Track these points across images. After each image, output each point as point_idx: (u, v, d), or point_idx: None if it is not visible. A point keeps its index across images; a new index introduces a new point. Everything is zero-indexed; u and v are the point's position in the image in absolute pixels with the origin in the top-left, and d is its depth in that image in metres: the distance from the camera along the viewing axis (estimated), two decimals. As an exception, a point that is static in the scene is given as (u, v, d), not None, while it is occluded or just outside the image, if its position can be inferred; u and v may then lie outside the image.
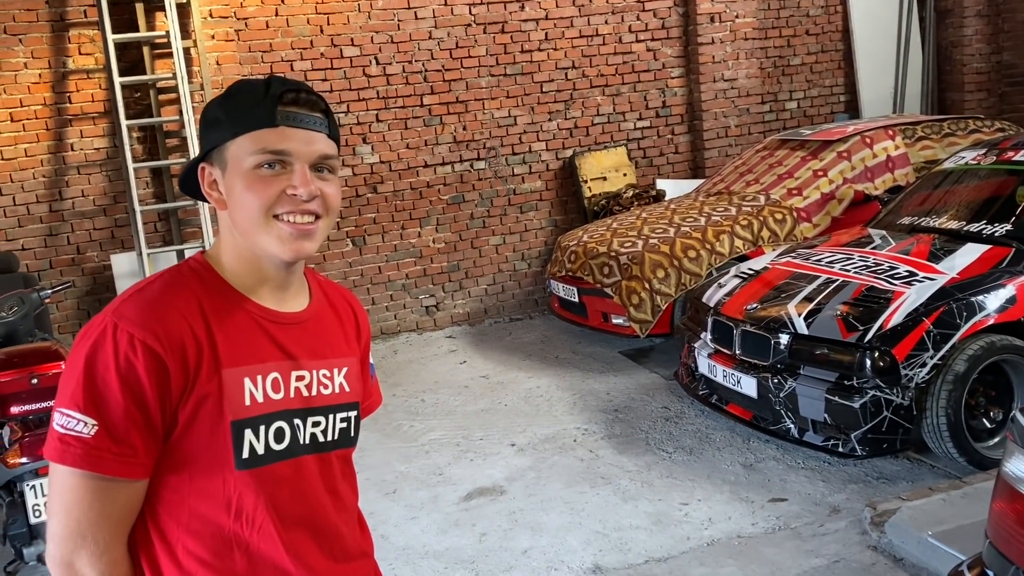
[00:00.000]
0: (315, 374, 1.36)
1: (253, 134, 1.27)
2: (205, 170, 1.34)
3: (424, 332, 7.01)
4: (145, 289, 1.28)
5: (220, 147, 1.30)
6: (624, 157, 7.29)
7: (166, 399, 1.22)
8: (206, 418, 1.24)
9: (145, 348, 1.20)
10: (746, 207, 5.82)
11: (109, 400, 1.19)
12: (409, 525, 3.87)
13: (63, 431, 1.20)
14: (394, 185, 6.86)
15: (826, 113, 7.87)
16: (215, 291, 1.31)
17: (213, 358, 1.25)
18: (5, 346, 3.71)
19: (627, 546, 3.53)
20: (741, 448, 4.33)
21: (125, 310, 1.24)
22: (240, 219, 1.29)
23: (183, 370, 1.23)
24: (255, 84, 1.30)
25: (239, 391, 1.26)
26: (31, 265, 6.14)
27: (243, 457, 1.26)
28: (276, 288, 1.35)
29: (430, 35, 6.80)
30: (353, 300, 1.54)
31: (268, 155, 1.26)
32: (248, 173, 1.27)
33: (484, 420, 5.03)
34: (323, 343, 1.40)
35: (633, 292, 5.45)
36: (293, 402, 1.32)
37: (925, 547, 3.11)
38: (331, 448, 1.38)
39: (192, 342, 1.24)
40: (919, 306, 3.86)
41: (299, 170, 1.28)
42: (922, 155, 6.01)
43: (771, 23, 7.60)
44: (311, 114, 1.30)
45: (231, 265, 1.34)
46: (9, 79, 5.99)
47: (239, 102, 1.30)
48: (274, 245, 1.28)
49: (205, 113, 1.35)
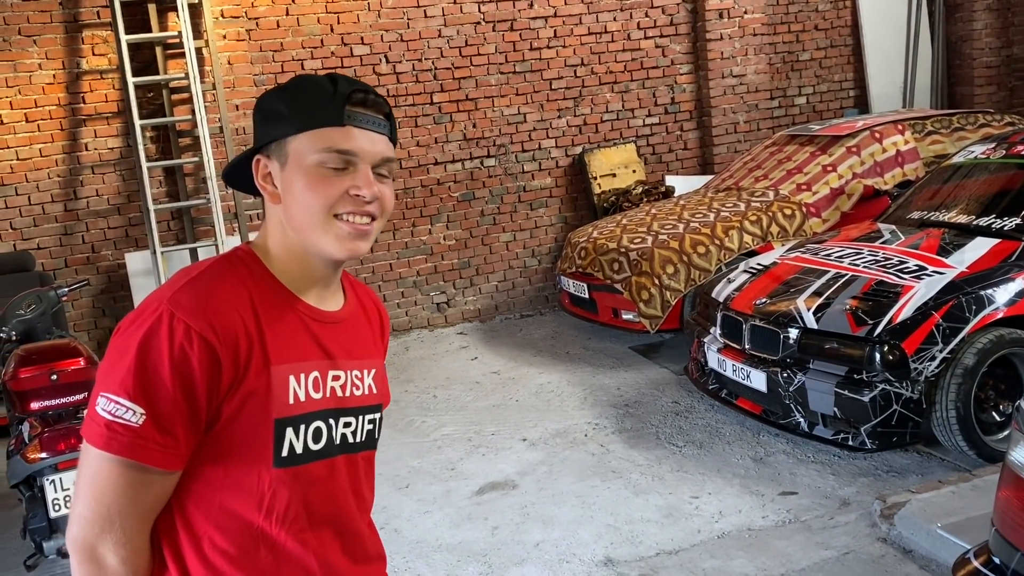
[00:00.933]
0: (349, 374, 1.36)
1: (319, 132, 1.25)
2: (260, 162, 1.32)
3: (435, 329, 7.06)
4: (200, 278, 1.26)
5: (281, 141, 1.28)
6: (633, 154, 7.32)
7: (215, 392, 1.21)
8: (251, 414, 1.24)
9: (201, 340, 1.19)
10: (755, 203, 5.83)
11: (160, 390, 1.18)
12: (422, 519, 3.91)
13: (110, 417, 1.18)
14: (405, 183, 6.90)
15: (835, 108, 7.87)
16: (264, 285, 1.29)
17: (263, 354, 1.24)
18: (24, 343, 3.77)
19: (638, 539, 3.57)
20: (751, 442, 4.35)
21: (182, 298, 1.21)
22: (297, 215, 1.28)
23: (234, 364, 1.22)
24: (322, 81, 1.28)
25: (284, 389, 1.26)
26: (46, 264, 6.22)
27: (282, 455, 1.26)
28: (321, 285, 1.35)
29: (440, 33, 6.84)
30: (378, 301, 1.54)
31: (334, 154, 1.25)
32: (311, 170, 1.25)
33: (496, 415, 5.07)
34: (357, 343, 1.40)
35: (643, 288, 5.48)
36: (329, 401, 1.32)
37: (934, 539, 3.13)
38: (359, 449, 1.38)
39: (244, 336, 1.23)
40: (928, 300, 3.87)
41: (363, 171, 1.27)
42: (932, 150, 6.01)
43: (780, 18, 7.61)
44: (376, 116, 1.29)
45: (280, 260, 1.32)
46: (24, 80, 6.06)
47: (305, 97, 1.28)
48: (331, 244, 1.27)
49: (263, 104, 1.32)
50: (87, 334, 6.30)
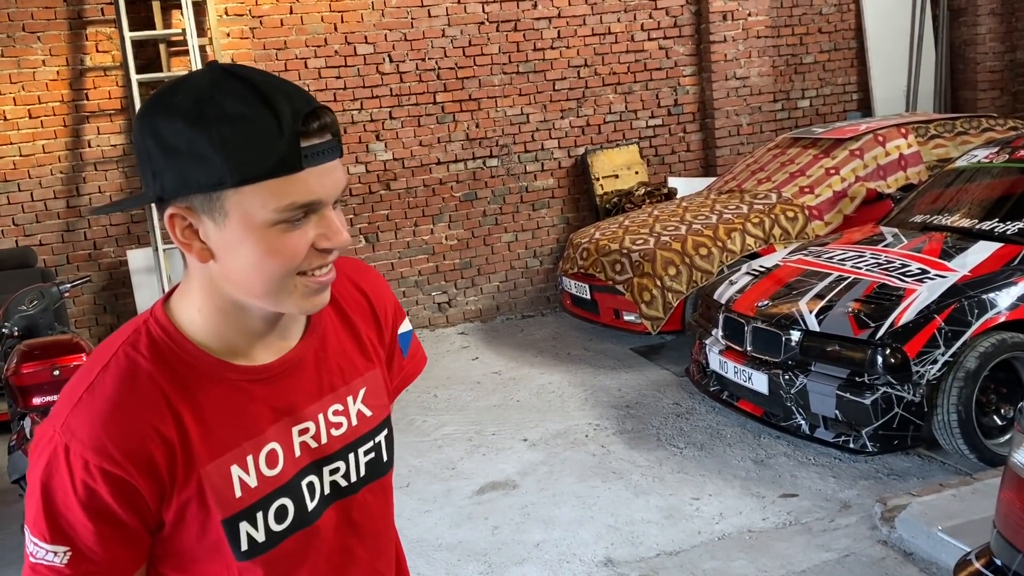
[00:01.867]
0: (322, 418, 1.15)
1: (272, 183, 0.98)
2: (176, 217, 1.03)
3: (436, 328, 7.06)
4: (95, 391, 1.04)
5: (211, 194, 0.99)
6: (636, 155, 7.32)
7: (143, 511, 1.05)
8: (192, 520, 1.07)
9: (104, 474, 1.01)
10: (758, 205, 5.83)
11: (76, 526, 1.03)
12: (423, 518, 3.91)
13: (34, 560, 1.05)
14: (407, 182, 6.90)
15: (838, 111, 7.87)
16: (183, 368, 1.07)
17: (188, 458, 1.05)
18: (26, 339, 3.77)
19: (639, 540, 3.57)
20: (752, 444, 4.35)
21: (75, 426, 1.02)
22: (246, 281, 1.04)
23: (155, 481, 1.04)
24: (250, 102, 0.97)
25: (227, 484, 1.07)
26: (48, 261, 6.22)
27: (242, 550, 1.09)
28: (263, 335, 1.11)
29: (443, 33, 6.84)
30: (364, 279, 1.27)
31: (297, 211, 1.00)
32: (267, 232, 1.00)
33: (496, 415, 5.07)
34: (329, 373, 1.17)
35: (645, 289, 5.48)
36: (299, 461, 1.12)
37: (935, 541, 3.13)
38: (359, 488, 1.19)
39: (160, 449, 1.03)
40: (931, 303, 3.87)
41: (329, 217, 1.03)
42: (935, 153, 6.02)
43: (784, 21, 7.61)
44: (329, 138, 1.02)
45: (208, 323, 1.09)
46: (27, 76, 6.07)
47: (242, 137, 0.97)
48: (293, 304, 1.06)
49: (160, 132, 0.99)
50: (88, 331, 6.30)
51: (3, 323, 3.84)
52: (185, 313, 1.09)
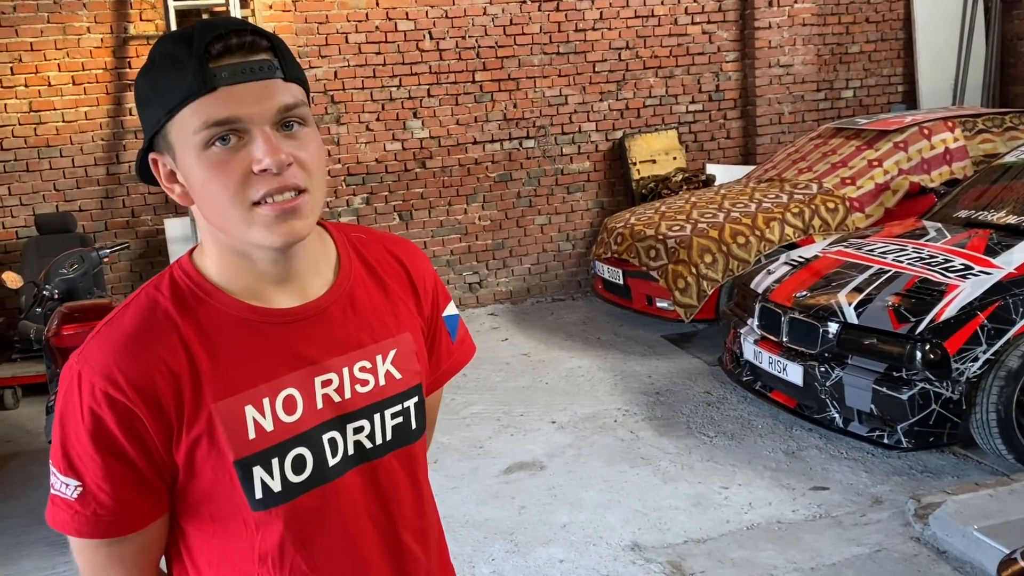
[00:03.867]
0: (347, 372, 1.13)
1: (190, 107, 1.01)
2: (157, 162, 1.08)
3: (467, 309, 7.06)
4: (113, 323, 1.08)
5: (161, 131, 1.04)
6: (675, 140, 7.24)
7: (151, 449, 1.05)
8: (205, 461, 1.06)
9: (109, 399, 1.02)
10: (798, 195, 5.75)
11: (85, 459, 1.04)
12: (450, 495, 3.92)
13: (53, 492, 1.07)
14: (443, 161, 6.89)
15: (883, 103, 7.73)
16: (200, 306, 1.08)
17: (197, 393, 1.05)
18: (66, 302, 3.82)
19: (666, 526, 3.55)
20: (783, 435, 4.31)
21: (90, 353, 1.05)
22: (212, 214, 1.06)
23: (160, 416, 1.04)
24: (175, 41, 1.03)
25: (240, 424, 1.06)
26: (87, 227, 6.29)
27: (256, 498, 1.07)
28: (280, 280, 1.11)
29: (484, 11, 6.80)
30: (405, 252, 1.26)
31: (214, 128, 1.00)
32: (201, 157, 1.02)
33: (525, 397, 5.06)
34: (357, 328, 1.15)
35: (679, 276, 5.43)
36: (322, 414, 1.11)
37: (970, 541, 3.08)
38: (384, 452, 1.16)
39: (168, 381, 1.04)
40: (974, 300, 3.79)
41: (259, 137, 1.01)
42: (982, 148, 5.89)
43: (830, 9, 7.47)
44: (253, 59, 1.02)
45: (219, 267, 1.11)
46: (72, 43, 6.12)
47: (163, 69, 1.03)
48: (260, 235, 1.04)
49: (136, 90, 1.08)
50: (124, 297, 6.36)
51: (44, 285, 3.90)
52: (204, 258, 1.13)
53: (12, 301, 6.04)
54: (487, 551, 3.44)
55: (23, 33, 6.04)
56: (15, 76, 6.06)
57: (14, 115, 6.10)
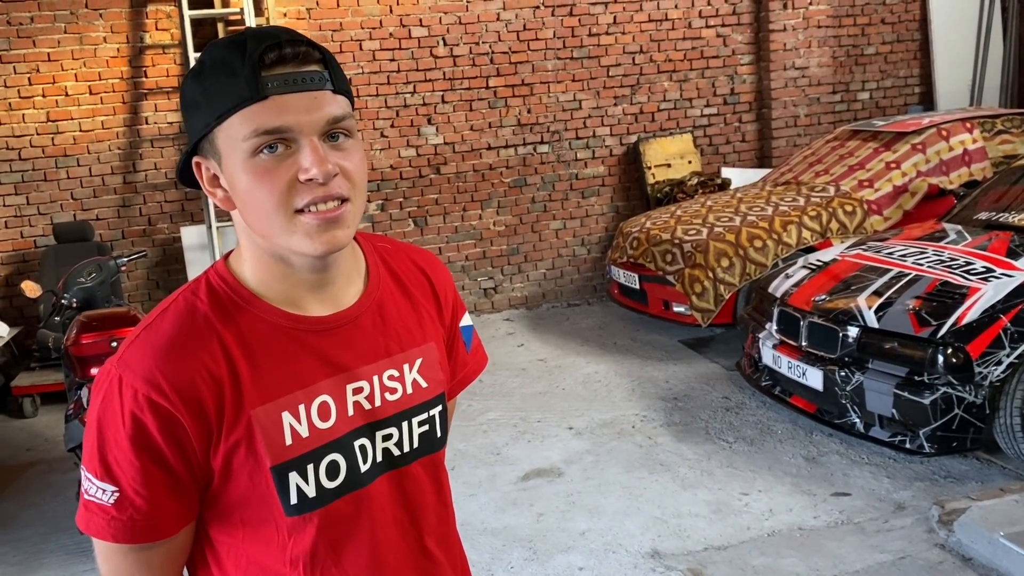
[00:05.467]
0: (377, 380, 1.15)
1: (240, 114, 1.02)
2: (200, 165, 1.10)
3: (482, 314, 7.05)
4: (152, 328, 1.09)
5: (208, 136, 1.06)
6: (690, 144, 7.21)
7: (189, 454, 1.06)
8: (242, 467, 1.07)
9: (151, 404, 1.03)
10: (815, 198, 5.71)
11: (123, 464, 1.04)
12: (467, 502, 3.90)
13: (87, 497, 1.08)
14: (457, 167, 6.89)
15: (899, 105, 7.68)
16: (238, 312, 1.10)
17: (237, 399, 1.06)
18: (84, 310, 3.83)
19: (686, 533, 3.52)
20: (803, 441, 4.27)
21: (130, 358, 1.06)
22: (255, 220, 1.07)
23: (202, 421, 1.05)
24: (228, 47, 1.04)
25: (277, 430, 1.08)
26: (104, 235, 6.32)
27: (292, 503, 1.09)
28: (315, 288, 1.13)
29: (498, 16, 6.80)
30: (428, 263, 1.29)
31: (264, 137, 1.02)
32: (248, 163, 1.03)
33: (542, 402, 5.04)
34: (385, 337, 1.17)
35: (696, 280, 5.40)
36: (353, 421, 1.13)
37: (996, 547, 3.03)
38: (411, 459, 1.18)
39: (210, 387, 1.05)
40: (996, 303, 3.75)
41: (307, 146, 1.03)
42: (1001, 149, 5.83)
43: (846, 11, 7.43)
44: (305, 70, 1.03)
45: (256, 273, 1.12)
46: (89, 52, 6.16)
47: (214, 75, 1.04)
48: (302, 243, 1.06)
49: (183, 94, 1.10)
50: (141, 305, 6.39)
51: (63, 294, 3.91)
52: (242, 265, 1.14)
53: (31, 310, 6.08)
54: (506, 559, 3.43)
55: (40, 44, 6.08)
56: (32, 87, 6.11)
57: (32, 125, 6.15)
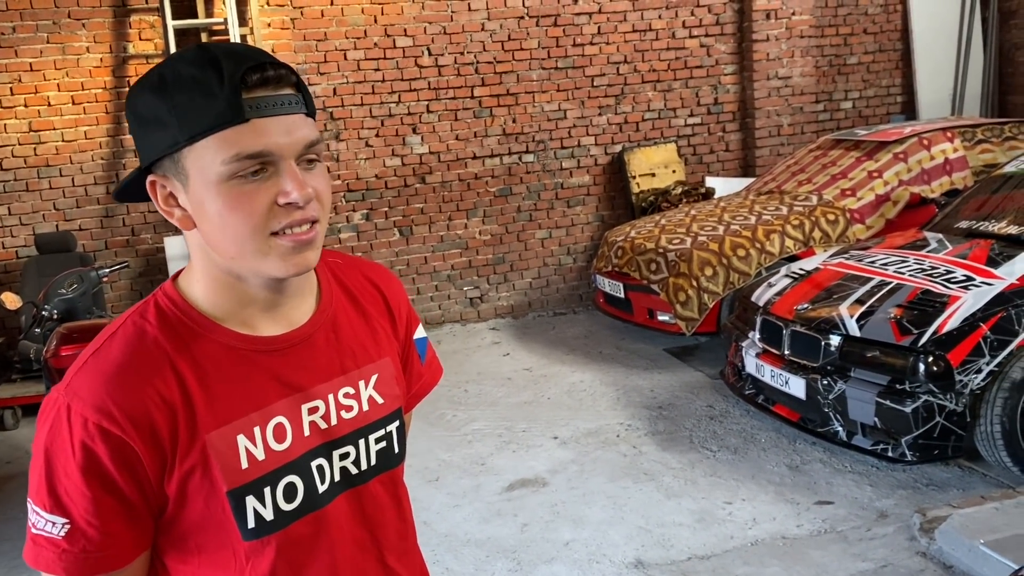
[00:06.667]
0: (332, 399, 1.14)
1: (218, 136, 0.99)
2: (156, 184, 1.06)
3: (468, 323, 7.04)
4: (101, 353, 1.05)
5: (172, 155, 1.02)
6: (674, 153, 7.24)
7: (143, 481, 1.03)
8: (197, 492, 1.04)
9: (103, 433, 0.99)
10: (798, 207, 5.74)
11: (74, 495, 1.01)
12: (451, 513, 3.89)
13: (36, 531, 1.04)
14: (442, 176, 6.89)
15: (882, 114, 7.74)
16: (190, 335, 1.07)
17: (191, 424, 1.03)
18: (65, 322, 3.81)
19: (670, 542, 3.52)
20: (787, 449, 4.28)
21: (78, 386, 1.02)
22: (223, 242, 1.04)
23: (156, 447, 1.02)
24: (200, 64, 1.00)
25: (233, 454, 1.05)
26: (87, 245, 6.29)
27: (249, 527, 1.06)
28: (269, 307, 1.11)
29: (483, 27, 6.81)
30: (380, 277, 1.27)
31: (245, 161, 0.99)
32: (224, 187, 1.00)
33: (527, 412, 5.04)
34: (340, 354, 1.16)
35: (680, 289, 5.42)
36: (309, 441, 1.11)
37: (977, 555, 3.05)
38: (369, 477, 1.17)
39: (163, 412, 1.02)
40: (976, 311, 3.78)
41: (287, 170, 1.02)
42: (981, 159, 5.88)
43: (828, 21, 7.49)
44: (282, 93, 1.02)
45: (208, 294, 1.09)
46: (71, 63, 6.13)
47: (186, 93, 1.00)
48: (274, 266, 1.05)
49: (136, 106, 1.04)
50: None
51: (43, 305, 3.88)
52: (191, 284, 1.11)
53: (12, 321, 6.03)
54: (489, 569, 3.42)
55: (22, 53, 6.05)
56: (14, 96, 6.08)
57: (14, 135, 6.11)
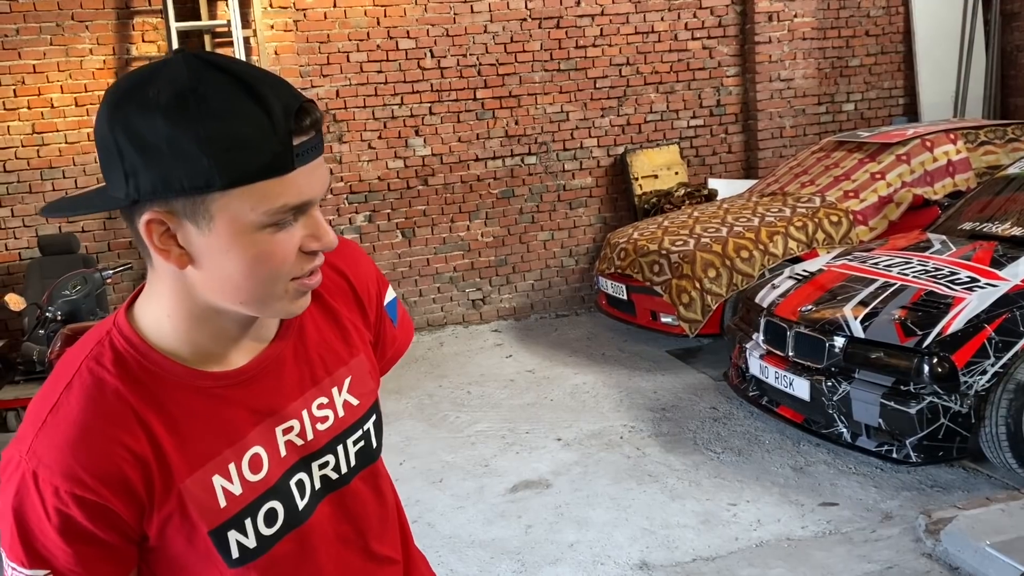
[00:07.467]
0: (306, 414, 1.11)
1: (263, 185, 0.91)
2: (154, 223, 0.94)
3: (470, 325, 7.04)
4: (59, 413, 0.98)
5: (196, 196, 0.91)
6: (676, 155, 7.24)
7: (123, 528, 1.00)
8: (177, 533, 1.02)
9: (77, 499, 0.96)
10: (801, 208, 5.74)
11: (53, 550, 0.98)
12: (455, 514, 3.89)
13: None
14: (445, 178, 6.89)
15: (884, 116, 7.74)
16: (153, 381, 1.01)
17: (165, 474, 1.00)
18: (69, 323, 3.80)
19: (674, 544, 3.51)
20: (791, 451, 4.27)
21: (42, 452, 0.96)
22: (230, 287, 0.97)
23: (132, 500, 0.99)
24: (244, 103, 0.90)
25: (209, 496, 1.02)
26: (90, 247, 6.29)
27: (233, 557, 1.05)
28: (239, 338, 1.06)
29: (485, 29, 6.82)
30: (344, 259, 1.20)
31: (288, 213, 0.94)
32: (258, 236, 0.94)
33: (530, 414, 5.03)
34: (310, 365, 1.12)
35: (683, 291, 5.41)
36: (286, 461, 1.08)
37: (983, 557, 3.04)
38: (350, 478, 1.15)
39: (135, 468, 0.98)
40: (981, 313, 3.77)
41: (317, 218, 0.98)
42: (984, 160, 5.88)
43: (830, 23, 7.49)
44: (315, 136, 0.96)
45: (175, 332, 1.02)
46: (75, 64, 6.14)
47: (230, 132, 0.89)
48: (284, 308, 1.02)
49: (136, 128, 0.90)
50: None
51: (47, 307, 3.88)
52: (152, 320, 1.03)
53: (15, 323, 6.03)
54: (494, 571, 3.41)
55: (26, 56, 6.06)
56: (18, 98, 6.08)
57: (17, 137, 6.12)
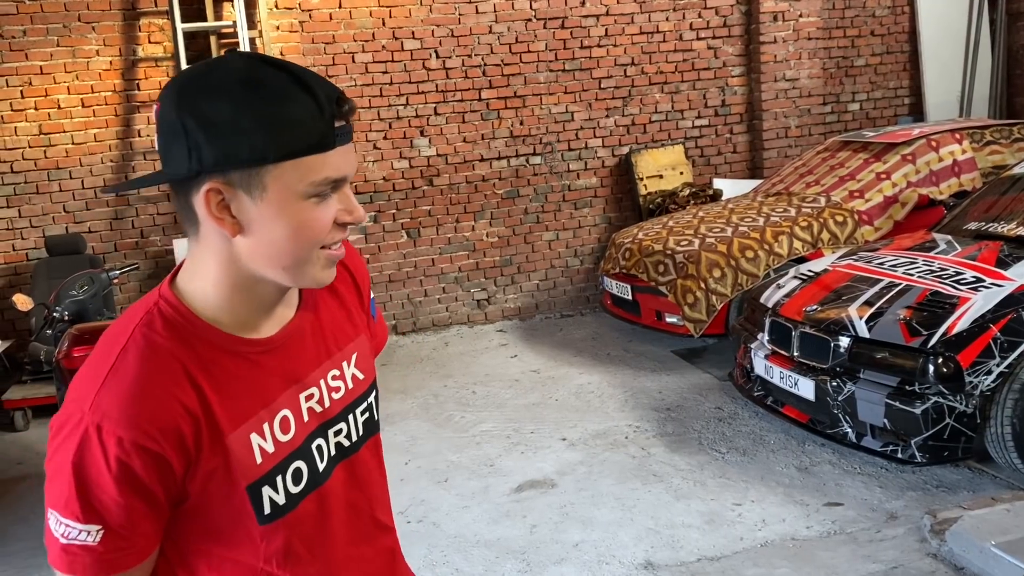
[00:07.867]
0: (323, 383, 1.23)
1: (310, 159, 1.06)
2: (212, 192, 1.06)
3: (475, 325, 7.05)
4: (119, 370, 1.07)
5: (252, 169, 1.05)
6: (681, 155, 7.24)
7: (171, 483, 1.09)
8: (217, 489, 1.11)
9: (139, 449, 1.04)
10: (806, 208, 5.74)
11: (110, 504, 1.05)
12: (461, 514, 3.90)
13: (65, 541, 1.06)
14: (450, 178, 6.91)
15: (889, 116, 7.73)
16: (199, 343, 1.11)
17: (213, 429, 1.10)
18: (76, 323, 3.82)
19: (679, 544, 3.52)
20: (796, 451, 4.27)
21: (105, 406, 1.04)
22: (275, 253, 1.10)
23: (184, 454, 1.08)
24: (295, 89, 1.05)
25: (247, 452, 1.12)
26: (97, 248, 6.31)
27: (265, 514, 1.15)
28: (270, 309, 1.18)
29: (490, 29, 6.83)
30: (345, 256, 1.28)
31: (329, 186, 1.08)
32: (304, 205, 1.07)
33: (535, 414, 5.04)
34: (324, 340, 1.25)
35: (688, 291, 5.42)
36: (308, 426, 1.20)
37: (988, 557, 3.04)
38: (359, 445, 1.28)
39: (188, 422, 1.08)
40: (986, 312, 3.77)
41: (349, 194, 1.13)
42: (990, 160, 5.87)
43: (835, 23, 7.49)
44: (350, 121, 1.11)
45: (218, 299, 1.13)
46: (81, 66, 6.16)
47: (284, 112, 1.04)
48: (318, 275, 1.14)
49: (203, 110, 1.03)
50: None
51: (54, 307, 3.90)
52: (197, 290, 1.14)
53: (22, 323, 6.06)
54: (499, 570, 3.42)
55: (33, 57, 6.09)
56: (25, 99, 6.11)
57: (24, 138, 6.15)
